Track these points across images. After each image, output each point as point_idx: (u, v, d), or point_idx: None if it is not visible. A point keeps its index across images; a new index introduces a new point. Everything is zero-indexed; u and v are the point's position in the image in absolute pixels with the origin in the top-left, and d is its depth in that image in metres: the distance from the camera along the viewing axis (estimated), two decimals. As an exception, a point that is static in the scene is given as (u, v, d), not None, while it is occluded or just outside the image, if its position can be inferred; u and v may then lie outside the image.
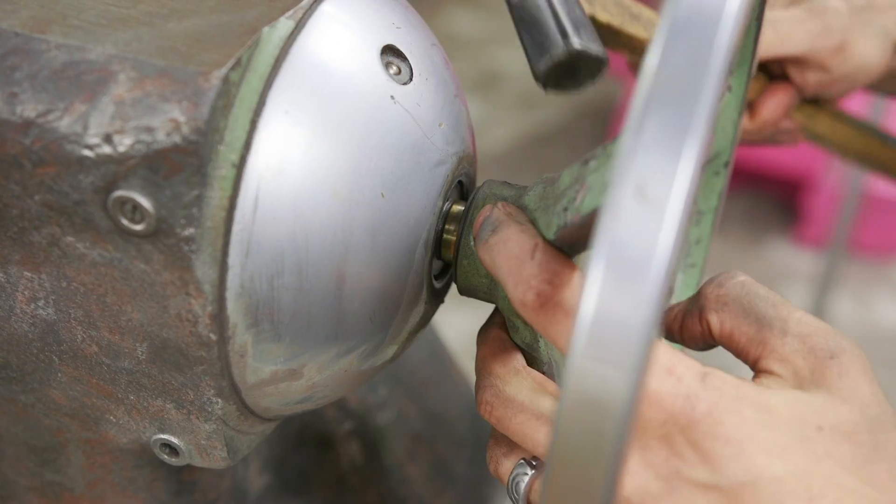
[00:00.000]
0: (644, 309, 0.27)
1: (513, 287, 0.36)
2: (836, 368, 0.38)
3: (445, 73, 0.45)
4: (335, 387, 0.45)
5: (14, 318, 0.41)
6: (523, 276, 0.36)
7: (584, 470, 0.29)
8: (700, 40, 0.28)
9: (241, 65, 0.37)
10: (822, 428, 0.36)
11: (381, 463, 0.63)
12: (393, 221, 0.41)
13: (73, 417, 0.45)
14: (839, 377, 0.37)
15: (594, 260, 0.28)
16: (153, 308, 0.39)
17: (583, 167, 0.37)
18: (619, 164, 0.28)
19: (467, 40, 2.86)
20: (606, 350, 0.28)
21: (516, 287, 0.36)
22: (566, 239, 0.37)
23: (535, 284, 0.36)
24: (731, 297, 0.41)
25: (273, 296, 0.39)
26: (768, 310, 0.40)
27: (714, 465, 0.35)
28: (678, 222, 0.27)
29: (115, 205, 0.37)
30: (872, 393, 0.38)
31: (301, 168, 0.39)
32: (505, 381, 0.41)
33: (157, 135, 0.36)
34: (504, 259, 0.37)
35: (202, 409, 0.42)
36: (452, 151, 0.44)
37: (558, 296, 0.36)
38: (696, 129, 0.27)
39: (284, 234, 0.39)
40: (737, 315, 0.40)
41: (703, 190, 0.53)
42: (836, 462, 0.36)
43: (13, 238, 0.39)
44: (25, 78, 0.37)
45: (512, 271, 0.37)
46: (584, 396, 0.28)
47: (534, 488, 0.41)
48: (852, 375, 0.37)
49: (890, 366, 1.95)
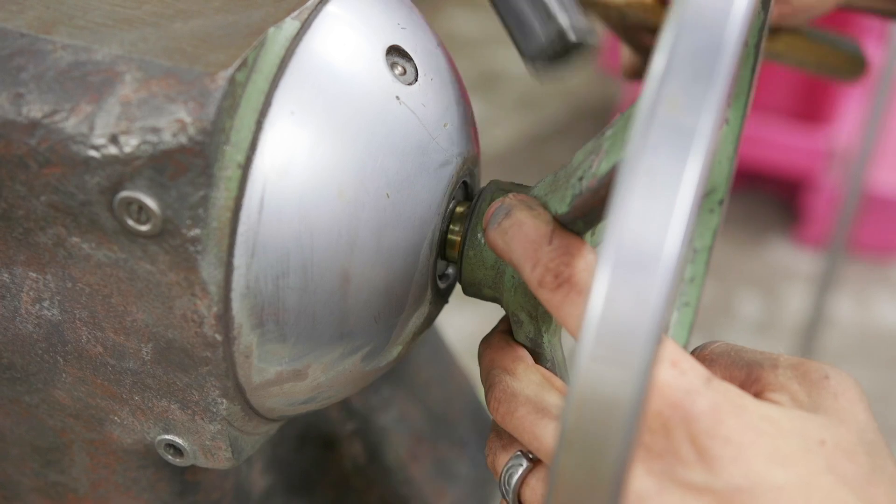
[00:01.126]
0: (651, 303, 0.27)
1: (530, 269, 0.37)
2: (832, 390, 0.38)
3: (450, 73, 0.45)
4: (340, 387, 0.45)
5: (19, 318, 0.41)
6: (541, 259, 0.37)
7: (591, 468, 0.29)
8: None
9: (247, 65, 0.37)
10: (824, 442, 0.36)
11: (383, 463, 0.63)
12: (398, 222, 0.41)
13: (77, 418, 0.45)
14: (835, 398, 0.37)
15: (602, 256, 0.28)
16: (158, 309, 0.39)
17: (598, 139, 0.38)
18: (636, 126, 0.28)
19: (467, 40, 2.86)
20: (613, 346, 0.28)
21: (534, 269, 0.37)
22: (581, 208, 0.38)
23: (552, 267, 0.37)
24: (717, 353, 0.41)
25: (278, 296, 0.39)
26: (755, 355, 0.40)
27: (711, 465, 0.34)
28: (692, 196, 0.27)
29: (121, 205, 0.37)
30: (868, 419, 0.37)
31: (306, 168, 0.39)
32: (514, 375, 0.41)
33: (163, 135, 0.36)
34: (520, 242, 0.38)
35: (207, 410, 0.42)
36: (457, 152, 0.44)
37: (575, 277, 0.36)
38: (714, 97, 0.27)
39: (290, 234, 0.39)
40: (726, 365, 0.40)
41: (698, 228, 0.52)
42: (837, 477, 0.35)
43: (18, 239, 0.39)
44: (31, 78, 0.37)
45: (528, 255, 0.37)
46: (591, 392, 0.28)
47: (526, 482, 0.40)
48: (848, 398, 0.37)
49: (890, 366, 1.95)
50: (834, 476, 0.35)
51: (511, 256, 0.38)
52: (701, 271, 0.53)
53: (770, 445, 0.35)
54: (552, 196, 0.40)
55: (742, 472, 0.34)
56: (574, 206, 0.38)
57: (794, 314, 2.05)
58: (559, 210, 0.39)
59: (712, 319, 2.02)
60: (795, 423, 0.36)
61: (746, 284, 2.14)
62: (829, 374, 0.38)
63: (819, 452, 0.35)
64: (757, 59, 0.47)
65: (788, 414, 0.36)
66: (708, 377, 0.35)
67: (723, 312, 2.06)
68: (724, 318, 2.05)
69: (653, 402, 0.34)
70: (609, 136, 0.37)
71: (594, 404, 0.28)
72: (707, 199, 0.52)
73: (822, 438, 0.36)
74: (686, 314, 0.52)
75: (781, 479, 0.34)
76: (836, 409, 0.37)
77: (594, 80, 2.69)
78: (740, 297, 2.11)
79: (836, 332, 2.01)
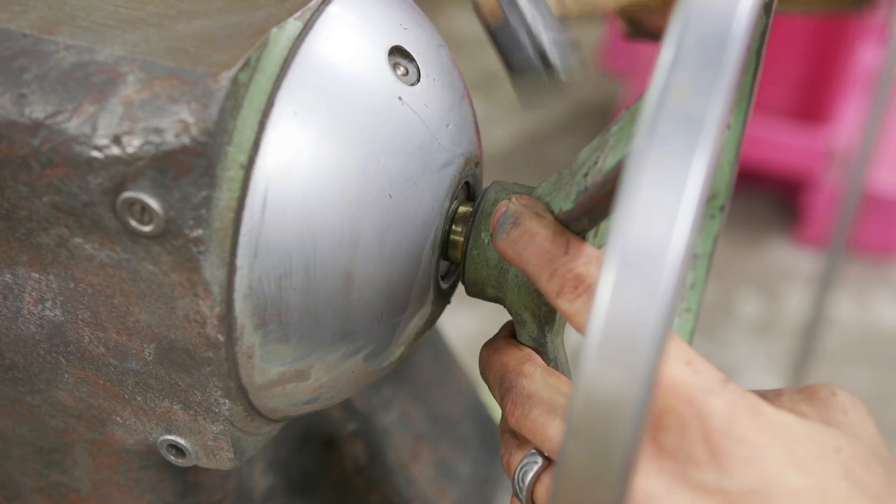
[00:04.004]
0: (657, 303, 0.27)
1: (547, 280, 0.38)
2: (840, 405, 0.38)
3: (453, 73, 0.45)
4: (342, 387, 0.45)
5: (21, 319, 0.41)
6: (558, 269, 0.38)
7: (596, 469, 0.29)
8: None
9: (250, 66, 0.37)
10: (840, 450, 0.35)
11: (384, 463, 0.63)
12: (400, 222, 0.41)
13: (79, 418, 0.45)
14: (845, 413, 0.37)
15: (610, 245, 0.28)
16: (161, 309, 0.39)
17: (603, 136, 0.38)
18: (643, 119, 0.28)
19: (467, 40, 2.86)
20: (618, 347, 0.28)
21: (552, 279, 0.38)
22: (586, 204, 0.38)
23: (571, 277, 0.37)
24: None
25: (281, 296, 0.39)
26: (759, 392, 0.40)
27: (723, 465, 0.33)
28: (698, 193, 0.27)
29: (124, 206, 0.37)
30: (878, 436, 0.37)
31: (309, 169, 0.39)
32: (529, 377, 0.41)
33: (166, 136, 0.36)
34: (534, 253, 0.38)
35: (209, 410, 0.42)
36: (460, 152, 0.44)
37: (595, 285, 0.36)
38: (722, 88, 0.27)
39: (292, 235, 0.39)
40: None
41: (699, 233, 0.52)
42: (854, 484, 0.34)
43: (21, 239, 0.39)
44: (34, 79, 0.37)
45: (544, 265, 0.38)
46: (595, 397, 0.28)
47: (540, 480, 0.40)
48: (858, 414, 0.37)
49: (890, 366, 1.95)
50: (851, 483, 0.34)
51: (525, 267, 0.39)
52: (702, 277, 0.53)
53: (786, 448, 0.34)
54: (556, 194, 0.40)
55: (756, 473, 0.33)
56: (579, 202, 0.38)
57: (794, 314, 2.05)
58: (564, 207, 0.39)
59: (712, 319, 2.02)
60: (811, 431, 0.35)
61: (746, 284, 2.14)
62: (835, 391, 0.38)
63: (836, 459, 0.35)
64: (758, 64, 0.48)
65: (804, 422, 0.36)
66: (724, 379, 0.35)
67: (723, 313, 2.06)
68: (724, 318, 2.05)
69: (668, 400, 0.34)
70: (615, 131, 0.37)
71: (600, 398, 0.28)
72: (708, 205, 0.52)
73: (839, 447, 0.35)
74: (687, 320, 0.52)
75: (797, 483, 0.33)
76: (847, 423, 0.37)
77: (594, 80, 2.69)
78: (740, 297, 2.11)
79: (836, 332, 2.01)
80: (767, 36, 0.46)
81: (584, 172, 0.37)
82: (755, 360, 1.94)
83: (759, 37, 0.46)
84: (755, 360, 1.95)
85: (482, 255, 0.44)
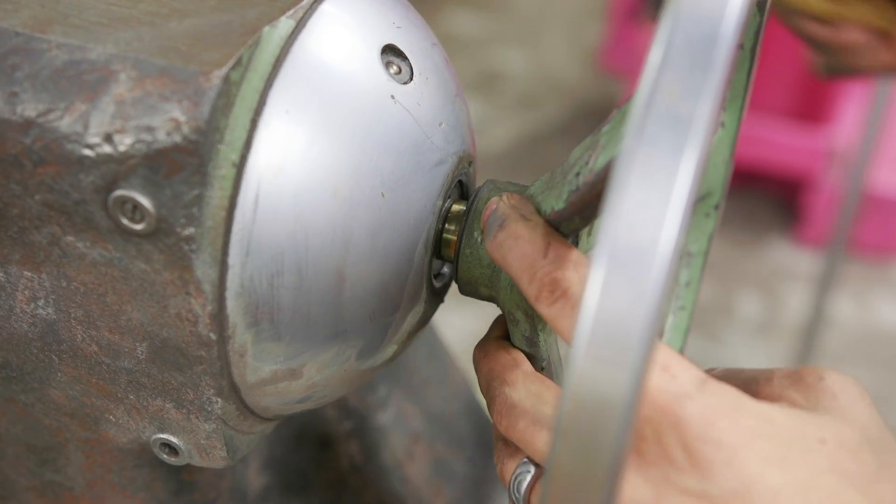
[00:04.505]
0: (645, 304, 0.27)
1: (527, 284, 0.37)
2: (830, 390, 0.37)
3: (446, 72, 0.45)
4: (335, 386, 0.45)
5: (14, 317, 0.41)
6: (537, 273, 0.37)
7: (584, 473, 0.29)
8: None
9: (242, 64, 0.37)
10: (825, 441, 0.35)
11: (380, 462, 0.63)
12: (393, 221, 0.41)
13: (72, 417, 0.45)
14: (834, 398, 0.37)
15: (598, 244, 0.28)
16: (153, 307, 0.39)
17: (594, 136, 0.38)
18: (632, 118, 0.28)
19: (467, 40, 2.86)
20: (606, 349, 0.28)
21: (531, 284, 0.37)
22: (577, 204, 0.38)
23: (547, 281, 0.37)
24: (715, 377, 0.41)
25: (273, 295, 0.39)
26: (751, 373, 0.40)
27: (704, 471, 0.33)
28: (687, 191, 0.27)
29: (116, 204, 0.37)
30: (871, 416, 0.37)
31: (301, 167, 0.39)
32: (513, 386, 0.41)
33: (158, 134, 0.36)
34: (516, 257, 0.38)
35: (202, 409, 0.42)
36: (452, 151, 0.44)
37: (570, 290, 0.36)
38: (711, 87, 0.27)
39: (284, 233, 0.39)
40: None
41: (694, 232, 0.52)
42: (839, 476, 0.34)
43: (13, 237, 0.39)
44: (26, 77, 0.37)
45: (525, 269, 0.38)
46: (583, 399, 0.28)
47: (535, 489, 0.40)
48: (848, 396, 0.37)
49: (890, 366, 1.95)
50: (836, 475, 0.34)
51: (509, 270, 0.39)
52: (696, 276, 0.52)
53: (766, 447, 0.34)
54: (548, 193, 0.40)
55: (736, 476, 0.33)
56: (570, 201, 0.38)
57: (794, 314, 2.05)
58: (556, 206, 0.39)
59: (712, 319, 2.02)
60: (795, 423, 0.35)
61: (746, 284, 2.14)
62: (823, 375, 0.38)
63: (820, 451, 0.35)
64: (753, 62, 0.47)
65: (788, 413, 0.36)
66: (702, 380, 0.35)
67: (723, 312, 2.06)
68: (724, 318, 2.05)
69: (644, 409, 0.34)
70: (606, 131, 0.37)
71: (587, 401, 0.28)
72: (703, 204, 0.52)
73: (823, 437, 0.35)
74: (682, 318, 0.52)
75: (778, 482, 0.33)
76: (836, 408, 0.37)
77: (594, 80, 2.69)
78: (740, 297, 2.10)
79: (836, 332, 2.01)
80: (762, 35, 0.46)
81: (576, 172, 0.37)
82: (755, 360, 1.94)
83: (753, 35, 0.46)
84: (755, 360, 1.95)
85: (475, 254, 0.44)
